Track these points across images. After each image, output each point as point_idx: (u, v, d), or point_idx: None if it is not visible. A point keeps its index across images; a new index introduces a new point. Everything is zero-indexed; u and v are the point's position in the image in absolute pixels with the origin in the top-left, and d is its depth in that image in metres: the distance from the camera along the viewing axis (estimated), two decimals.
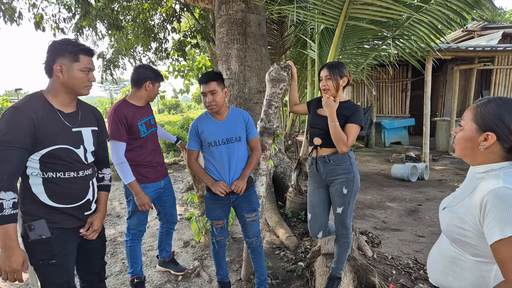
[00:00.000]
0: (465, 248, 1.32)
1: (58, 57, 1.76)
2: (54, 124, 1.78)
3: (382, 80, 12.36)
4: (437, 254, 1.50)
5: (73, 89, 1.83)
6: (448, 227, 1.37)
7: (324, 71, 2.66)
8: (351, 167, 2.66)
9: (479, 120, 1.28)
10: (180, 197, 6.08)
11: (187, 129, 22.46)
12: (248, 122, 2.72)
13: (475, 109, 1.31)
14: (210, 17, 9.20)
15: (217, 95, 2.55)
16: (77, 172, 1.88)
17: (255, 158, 2.76)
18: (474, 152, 1.32)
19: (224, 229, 2.82)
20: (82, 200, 1.94)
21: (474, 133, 1.30)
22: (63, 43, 1.77)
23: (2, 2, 6.64)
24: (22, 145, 1.65)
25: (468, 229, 1.27)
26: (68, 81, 1.79)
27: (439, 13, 4.09)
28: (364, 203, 5.74)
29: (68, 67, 1.77)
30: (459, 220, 1.31)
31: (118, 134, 2.67)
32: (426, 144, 8.16)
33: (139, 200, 2.77)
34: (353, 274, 3.12)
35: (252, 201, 2.78)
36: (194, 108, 64.32)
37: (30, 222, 1.77)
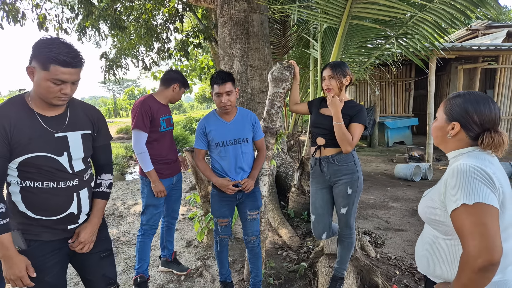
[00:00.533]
0: (438, 227, 1.41)
1: (33, 58, 1.55)
2: (30, 130, 1.60)
3: (386, 80, 12.32)
4: (420, 243, 1.59)
5: (41, 96, 1.61)
6: (422, 210, 1.50)
7: (327, 70, 2.65)
8: (355, 167, 2.65)
9: (447, 112, 1.44)
10: (183, 196, 6.08)
11: (190, 129, 22.54)
12: (255, 123, 2.73)
13: (446, 102, 1.46)
14: (213, 17, 9.19)
15: (232, 95, 2.57)
16: (58, 182, 1.68)
17: (261, 158, 2.80)
18: (444, 140, 1.47)
19: (228, 228, 2.83)
20: (63, 213, 1.73)
21: (444, 123, 1.45)
22: (41, 45, 1.53)
23: (5, 3, 6.67)
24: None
25: (436, 207, 1.38)
26: (36, 87, 1.59)
27: (443, 11, 4.06)
28: (367, 203, 5.72)
29: (37, 72, 1.54)
30: (430, 200, 1.43)
31: (142, 124, 2.83)
32: (430, 143, 8.12)
33: (156, 187, 2.93)
34: (356, 274, 3.10)
35: (256, 199, 2.80)
36: (196, 108, 64.48)
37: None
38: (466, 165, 1.26)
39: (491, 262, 1.11)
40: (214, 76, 2.59)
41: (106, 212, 5.47)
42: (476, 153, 1.36)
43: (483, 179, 1.22)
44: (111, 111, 50.48)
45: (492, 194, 1.20)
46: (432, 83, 7.99)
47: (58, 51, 1.51)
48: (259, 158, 2.79)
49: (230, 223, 2.84)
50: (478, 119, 1.35)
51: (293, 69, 2.99)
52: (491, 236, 1.14)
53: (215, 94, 2.58)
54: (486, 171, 1.23)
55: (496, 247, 1.12)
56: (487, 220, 1.16)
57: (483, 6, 3.87)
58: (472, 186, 1.21)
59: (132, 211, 5.51)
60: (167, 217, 3.41)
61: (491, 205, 1.18)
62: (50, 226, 1.71)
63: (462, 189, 1.23)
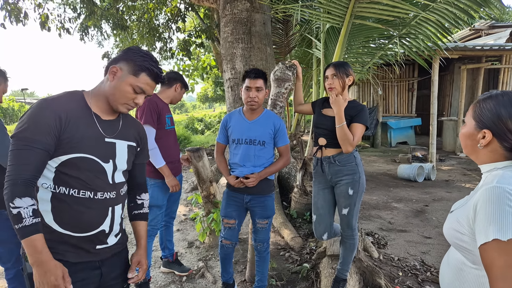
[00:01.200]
0: (465, 254, 1.21)
1: (123, 61, 1.51)
2: (85, 128, 1.48)
3: (388, 80, 12.28)
4: (445, 264, 1.38)
5: (111, 98, 1.54)
6: (448, 231, 1.28)
7: (330, 69, 2.63)
8: (357, 168, 2.63)
9: (477, 117, 1.21)
10: (185, 197, 6.07)
11: (192, 128, 22.57)
12: (278, 129, 2.66)
13: (475, 105, 1.24)
14: (215, 17, 9.18)
15: (261, 92, 2.59)
16: (96, 192, 1.50)
17: (279, 163, 2.70)
18: (475, 150, 1.24)
19: (233, 232, 2.75)
20: (94, 229, 1.52)
21: (473, 130, 1.22)
22: (136, 52, 1.53)
23: (8, 3, 6.67)
24: (42, 145, 1.36)
25: (464, 233, 1.17)
26: (111, 88, 1.52)
27: (446, 11, 4.04)
28: (370, 204, 5.69)
29: (123, 75, 1.51)
30: (457, 224, 1.21)
31: (151, 120, 2.89)
32: (433, 144, 8.08)
33: (170, 181, 2.98)
34: (359, 275, 3.08)
35: (267, 208, 2.72)
36: (199, 108, 64.52)
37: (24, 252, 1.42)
38: (500, 189, 1.05)
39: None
40: (248, 71, 2.62)
41: None
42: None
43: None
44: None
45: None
46: (435, 83, 7.95)
47: (151, 64, 1.53)
48: (277, 162, 2.70)
49: (237, 228, 2.77)
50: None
51: (295, 69, 2.97)
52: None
53: (245, 88, 2.59)
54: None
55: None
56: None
57: (487, 5, 3.85)
58: (508, 217, 1.01)
59: None
60: (166, 217, 3.41)
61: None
62: (76, 245, 1.49)
63: (495, 221, 1.02)
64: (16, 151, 1.34)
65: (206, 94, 31.17)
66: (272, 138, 2.65)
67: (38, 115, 1.37)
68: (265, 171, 2.63)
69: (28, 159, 1.35)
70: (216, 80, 23.31)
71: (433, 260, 3.70)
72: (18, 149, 1.34)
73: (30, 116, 1.37)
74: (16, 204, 1.31)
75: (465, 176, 7.49)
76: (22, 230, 1.31)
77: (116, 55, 1.57)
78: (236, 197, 2.71)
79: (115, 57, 1.54)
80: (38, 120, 1.37)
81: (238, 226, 2.77)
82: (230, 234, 2.75)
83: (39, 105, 1.40)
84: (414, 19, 4.24)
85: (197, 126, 23.93)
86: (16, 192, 1.32)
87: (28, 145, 1.34)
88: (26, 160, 1.34)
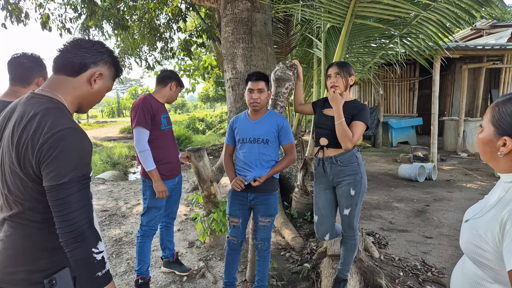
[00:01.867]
0: (486, 271, 1.10)
1: (102, 63, 1.41)
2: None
3: (390, 79, 12.27)
4: (460, 275, 1.28)
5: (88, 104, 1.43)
6: (466, 246, 1.16)
7: (334, 68, 2.63)
8: (359, 168, 2.63)
9: (496, 122, 1.09)
10: (186, 197, 6.07)
11: (193, 128, 22.60)
12: (282, 128, 2.72)
13: (493, 108, 1.12)
14: (216, 16, 9.19)
15: (263, 94, 2.65)
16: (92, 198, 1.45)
17: (284, 162, 2.75)
18: (494, 157, 1.13)
19: (238, 230, 2.79)
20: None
21: (492, 137, 1.11)
22: (114, 55, 1.47)
23: (9, 3, 6.68)
24: (89, 179, 1.29)
25: (487, 250, 1.06)
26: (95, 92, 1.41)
27: (447, 11, 4.03)
28: (371, 204, 5.69)
29: (104, 79, 1.42)
30: (478, 238, 1.10)
31: (143, 121, 2.83)
32: (434, 143, 8.07)
33: (158, 187, 2.89)
34: (359, 275, 3.08)
35: (270, 206, 2.76)
36: (200, 108, 64.55)
37: (51, 276, 1.27)
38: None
39: None
40: (250, 74, 2.69)
41: (109, 212, 5.47)
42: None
43: None
44: (115, 110, 50.51)
45: None
46: (436, 82, 7.94)
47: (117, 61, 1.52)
48: (282, 161, 2.76)
49: (243, 226, 2.80)
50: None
51: (296, 69, 2.97)
52: None
53: (248, 90, 2.67)
54: None
55: None
56: None
57: (488, 5, 3.84)
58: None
59: (134, 211, 5.50)
60: (166, 217, 3.41)
61: None
62: None
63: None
64: (84, 191, 1.24)
65: (207, 94, 31.20)
66: (276, 137, 2.72)
67: (86, 150, 1.27)
68: (273, 170, 2.70)
69: (89, 198, 1.28)
70: (217, 80, 23.32)
71: (434, 260, 3.70)
72: (85, 189, 1.24)
73: (80, 151, 1.23)
74: (100, 249, 1.25)
75: (467, 176, 7.48)
76: (106, 275, 1.27)
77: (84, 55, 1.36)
78: (240, 196, 2.75)
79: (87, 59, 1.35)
80: (88, 155, 1.28)
81: (242, 224, 2.80)
82: (236, 232, 2.80)
83: (81, 137, 1.25)
84: (415, 19, 4.23)
85: (198, 126, 23.96)
86: (97, 235, 1.26)
87: (88, 182, 1.27)
88: (90, 199, 1.28)
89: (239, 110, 5.27)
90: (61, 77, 1.33)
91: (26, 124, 1.19)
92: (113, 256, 3.92)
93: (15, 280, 1.24)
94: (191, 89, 17.07)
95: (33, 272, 1.25)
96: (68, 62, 1.31)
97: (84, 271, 1.22)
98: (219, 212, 3.73)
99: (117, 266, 3.70)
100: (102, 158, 11.85)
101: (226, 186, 5.38)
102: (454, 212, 5.16)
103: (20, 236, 1.25)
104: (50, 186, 1.17)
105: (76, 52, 1.32)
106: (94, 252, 1.22)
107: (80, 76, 1.34)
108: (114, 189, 7.05)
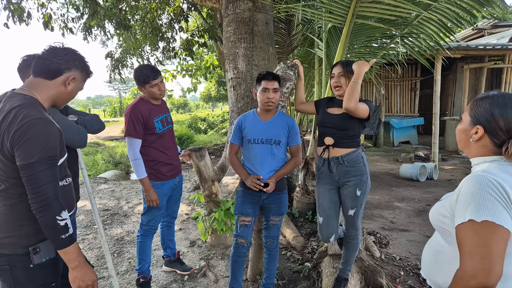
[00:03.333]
0: (445, 236, 1.34)
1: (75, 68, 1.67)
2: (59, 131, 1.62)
3: (391, 79, 12.27)
4: (427, 247, 1.51)
5: (61, 102, 1.70)
6: (432, 215, 1.42)
7: (338, 67, 2.63)
8: (364, 169, 2.62)
9: (472, 114, 1.32)
10: (187, 196, 6.09)
11: (195, 128, 22.60)
12: (291, 129, 2.73)
13: (472, 103, 1.35)
14: (218, 16, 9.19)
15: (277, 93, 2.65)
16: (69, 177, 1.77)
17: (292, 163, 2.76)
18: (468, 144, 1.36)
19: (248, 230, 2.74)
20: (74, 207, 1.84)
21: (467, 126, 1.34)
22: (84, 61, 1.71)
23: (11, 2, 6.70)
24: (57, 159, 1.55)
25: (446, 215, 1.30)
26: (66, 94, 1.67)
27: (448, 11, 4.03)
28: (372, 203, 5.69)
29: (77, 81, 1.68)
30: (442, 207, 1.34)
31: (133, 131, 2.78)
32: (435, 143, 8.07)
33: (148, 196, 2.87)
34: (360, 275, 3.09)
35: (282, 204, 2.77)
36: (202, 107, 64.54)
37: (35, 245, 1.57)
38: (483, 177, 1.15)
39: (485, 285, 1.04)
40: (263, 74, 2.66)
41: (111, 211, 5.49)
42: (501, 163, 1.23)
43: (499, 196, 1.10)
44: (117, 110, 50.52)
45: (507, 214, 1.09)
46: (437, 82, 7.93)
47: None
48: (290, 162, 2.76)
49: (252, 226, 2.77)
50: (504, 125, 1.22)
51: (297, 69, 2.98)
52: (492, 260, 1.05)
53: (262, 89, 2.63)
54: (505, 187, 1.11)
55: (494, 271, 1.05)
56: (492, 242, 1.07)
57: (489, 5, 3.84)
58: (485, 202, 1.11)
59: (136, 211, 5.52)
60: (167, 217, 3.41)
61: (501, 225, 1.07)
62: None
63: (473, 204, 1.12)
64: (50, 169, 1.49)
65: (209, 93, 31.20)
66: (286, 138, 2.73)
67: (51, 134, 1.50)
68: (280, 173, 2.70)
69: (56, 176, 1.53)
70: (219, 79, 23.33)
71: None
72: (51, 168, 1.50)
73: (45, 136, 1.47)
74: (63, 216, 1.51)
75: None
76: (70, 237, 1.53)
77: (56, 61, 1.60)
78: (253, 195, 2.73)
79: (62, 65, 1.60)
80: (52, 139, 1.51)
81: (253, 224, 2.77)
82: (245, 232, 2.74)
83: (45, 124, 1.48)
84: (416, 19, 4.23)
85: (200, 125, 23.96)
86: (62, 206, 1.52)
87: (54, 163, 1.52)
88: (56, 177, 1.53)
89: (241, 109, 5.28)
90: (39, 79, 1.59)
91: (5, 116, 1.45)
92: (114, 255, 3.94)
93: (5, 244, 1.53)
94: (192, 89, 17.07)
95: (20, 237, 1.54)
96: (45, 68, 1.57)
97: (51, 234, 1.50)
98: (221, 211, 3.74)
99: (119, 265, 3.72)
100: (104, 157, 11.87)
101: (227, 185, 5.39)
102: None
103: (7, 207, 1.54)
104: (21, 165, 1.44)
105: (53, 60, 1.58)
106: (58, 219, 1.49)
107: (56, 79, 1.60)
108: (116, 189, 7.07)
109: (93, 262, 3.78)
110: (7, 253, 1.54)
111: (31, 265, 1.57)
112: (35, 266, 1.57)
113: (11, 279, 1.56)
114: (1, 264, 1.54)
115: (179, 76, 14.44)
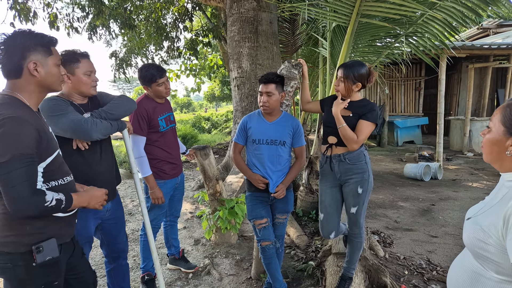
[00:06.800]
0: (488, 264, 1.16)
1: (28, 53, 1.52)
2: (46, 128, 1.60)
3: (395, 79, 12.23)
4: (458, 267, 1.33)
5: (51, 87, 1.64)
6: (469, 240, 1.21)
7: (340, 71, 2.62)
8: (366, 166, 2.63)
9: (507, 122, 1.13)
10: (191, 195, 6.11)
11: (199, 127, 22.62)
12: (296, 130, 2.75)
13: (504, 109, 1.15)
14: (222, 16, 9.22)
15: (272, 97, 2.62)
16: (68, 176, 1.74)
17: (297, 166, 2.80)
18: (501, 157, 1.17)
19: (268, 230, 2.74)
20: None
21: (502, 136, 1.15)
22: (28, 35, 1.52)
23: (17, 2, 6.75)
24: (34, 157, 1.49)
25: (490, 243, 1.11)
26: (45, 79, 1.58)
27: (453, 10, 4.02)
28: (376, 203, 5.69)
29: (43, 63, 1.56)
30: (482, 233, 1.15)
31: (138, 128, 2.78)
32: (440, 143, 8.04)
33: (154, 193, 2.87)
34: (364, 274, 3.09)
35: (288, 202, 2.80)
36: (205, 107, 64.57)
37: (39, 244, 1.56)
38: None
39: None
40: (262, 76, 2.68)
41: None
42: None
43: None
44: None
45: None
46: (442, 82, 7.90)
47: (44, 34, 1.61)
48: (295, 165, 2.79)
49: (270, 225, 2.77)
50: None
51: (301, 68, 2.98)
52: None
53: (259, 92, 2.66)
54: None
55: None
56: None
57: (494, 4, 3.83)
58: None
59: (140, 209, 5.54)
60: (170, 216, 3.43)
61: None
62: (71, 222, 1.76)
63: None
64: (26, 168, 1.44)
65: (213, 93, 31.24)
66: (291, 139, 2.75)
67: (24, 133, 1.44)
68: (288, 179, 2.73)
69: (33, 174, 1.48)
70: (223, 79, 23.35)
71: (439, 259, 3.70)
72: (27, 166, 1.44)
73: (16, 136, 1.42)
74: (48, 199, 1.48)
75: (472, 176, 7.44)
76: (68, 202, 1.56)
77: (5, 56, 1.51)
78: (262, 196, 2.76)
79: (16, 60, 1.50)
80: (25, 137, 1.45)
81: (270, 223, 2.78)
82: (266, 233, 2.74)
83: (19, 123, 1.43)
84: (421, 18, 4.22)
85: (204, 125, 23.98)
86: (42, 195, 1.48)
87: (30, 161, 1.46)
88: (34, 175, 1.49)
89: (245, 108, 5.29)
90: (12, 81, 1.54)
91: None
92: None
93: (8, 243, 1.52)
94: (196, 89, 17.10)
95: (22, 236, 1.53)
96: (4, 71, 1.52)
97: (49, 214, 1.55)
98: (225, 209, 3.76)
99: None
100: None
101: (231, 184, 5.41)
102: (460, 212, 5.15)
103: (4, 208, 1.48)
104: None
105: (3, 61, 1.50)
106: (47, 205, 1.47)
107: (23, 75, 1.53)
108: (120, 187, 7.10)
109: (98, 260, 3.81)
110: (10, 251, 1.53)
111: (34, 264, 1.56)
112: (38, 265, 1.56)
113: (13, 277, 1.56)
114: (4, 262, 1.54)
115: (183, 75, 14.48)
